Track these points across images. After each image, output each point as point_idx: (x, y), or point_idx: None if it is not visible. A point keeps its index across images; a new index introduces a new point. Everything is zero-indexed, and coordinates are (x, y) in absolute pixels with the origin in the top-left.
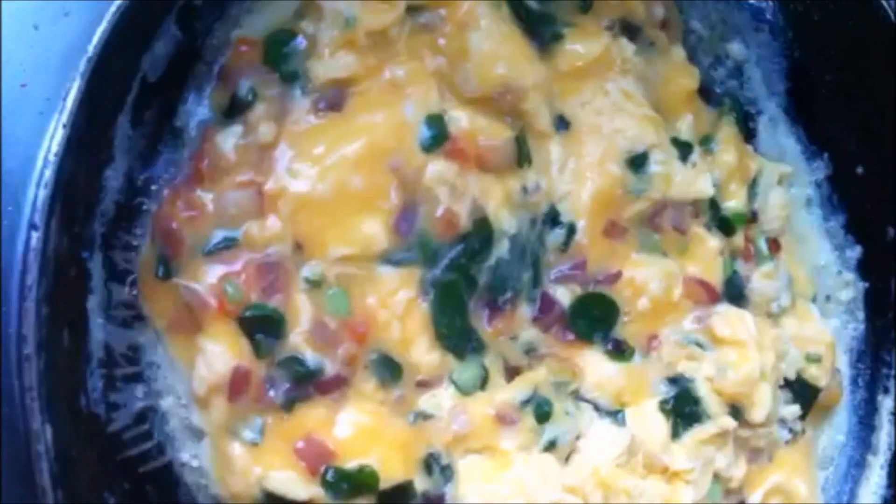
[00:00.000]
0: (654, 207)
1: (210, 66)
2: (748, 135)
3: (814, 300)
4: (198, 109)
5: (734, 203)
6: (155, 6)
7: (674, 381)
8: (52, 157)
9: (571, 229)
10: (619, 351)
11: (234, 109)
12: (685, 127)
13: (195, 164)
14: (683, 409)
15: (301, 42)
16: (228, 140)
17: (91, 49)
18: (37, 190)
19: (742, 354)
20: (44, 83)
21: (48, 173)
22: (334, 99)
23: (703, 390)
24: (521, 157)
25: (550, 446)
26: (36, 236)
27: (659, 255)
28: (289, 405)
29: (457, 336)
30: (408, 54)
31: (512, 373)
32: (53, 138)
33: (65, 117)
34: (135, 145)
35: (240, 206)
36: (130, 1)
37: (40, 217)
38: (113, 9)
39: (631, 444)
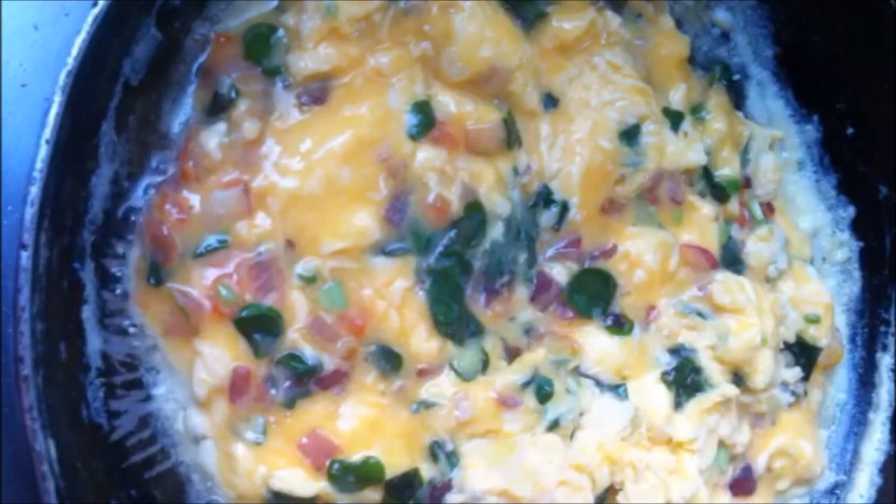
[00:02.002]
0: (652, 179)
1: (191, 65)
2: (738, 101)
3: (810, 262)
4: (181, 110)
5: (727, 170)
6: (133, 9)
7: (674, 351)
8: (36, 174)
9: (564, 207)
10: (619, 325)
11: (216, 107)
12: (676, 96)
13: (181, 164)
14: (685, 379)
15: (282, 35)
16: (213, 139)
17: (71, 61)
18: (23, 208)
19: (742, 321)
20: (44, 83)
21: (34, 190)
22: (318, 92)
23: (704, 359)
24: (511, 138)
25: (554, 426)
26: (25, 255)
27: (654, 227)
28: (290, 403)
29: (455, 322)
30: (391, 41)
31: (512, 354)
32: (38, 154)
33: (47, 133)
34: (120, 151)
35: (227, 206)
36: (108, 8)
37: (29, 236)
38: (90, 18)
39: (634, 417)
